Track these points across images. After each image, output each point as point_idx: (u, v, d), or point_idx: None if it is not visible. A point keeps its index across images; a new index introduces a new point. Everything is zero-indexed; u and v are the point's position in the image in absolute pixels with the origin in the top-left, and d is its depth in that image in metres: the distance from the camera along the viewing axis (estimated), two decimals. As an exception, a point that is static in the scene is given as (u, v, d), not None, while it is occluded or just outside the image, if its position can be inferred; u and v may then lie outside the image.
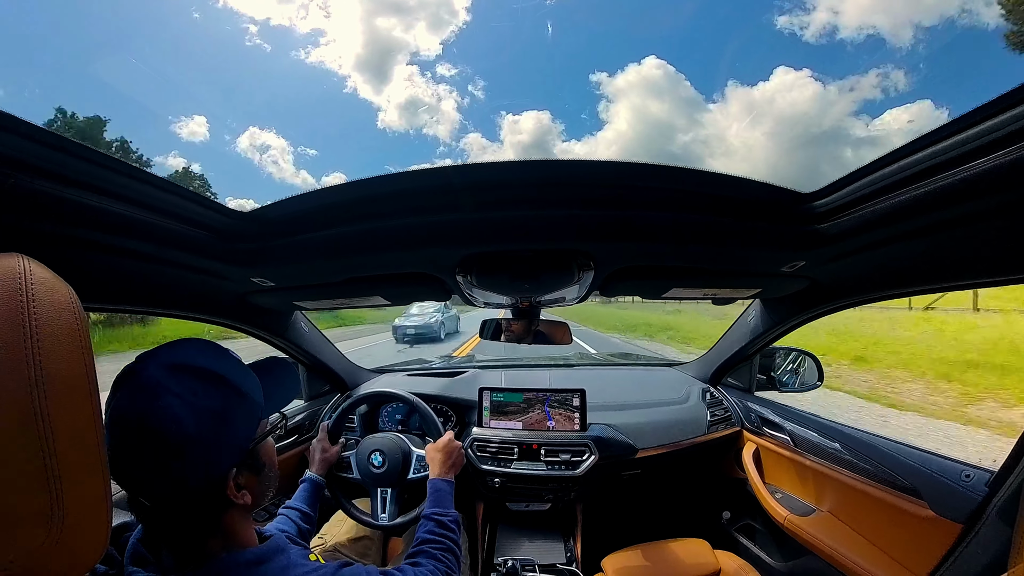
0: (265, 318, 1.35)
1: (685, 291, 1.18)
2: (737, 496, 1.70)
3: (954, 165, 0.53)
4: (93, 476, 0.42)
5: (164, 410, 0.52)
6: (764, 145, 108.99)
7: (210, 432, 0.55)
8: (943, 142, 0.53)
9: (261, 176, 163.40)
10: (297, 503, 1.14)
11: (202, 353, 0.60)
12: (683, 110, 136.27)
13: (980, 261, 0.71)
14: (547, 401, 1.57)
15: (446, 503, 1.04)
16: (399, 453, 1.31)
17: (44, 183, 0.49)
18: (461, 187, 0.70)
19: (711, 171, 0.68)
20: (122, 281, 0.79)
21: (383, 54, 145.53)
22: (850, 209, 0.70)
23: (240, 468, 0.60)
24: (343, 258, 0.92)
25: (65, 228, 0.56)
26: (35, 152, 0.47)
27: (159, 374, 0.54)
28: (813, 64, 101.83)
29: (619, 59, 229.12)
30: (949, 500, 0.93)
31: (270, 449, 0.69)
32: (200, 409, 0.54)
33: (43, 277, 0.40)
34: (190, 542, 0.59)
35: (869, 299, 1.04)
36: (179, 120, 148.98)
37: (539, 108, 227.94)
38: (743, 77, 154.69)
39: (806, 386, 1.67)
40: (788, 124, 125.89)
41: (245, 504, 0.61)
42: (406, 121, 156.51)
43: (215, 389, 0.57)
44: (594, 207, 0.73)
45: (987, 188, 0.52)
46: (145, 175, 0.59)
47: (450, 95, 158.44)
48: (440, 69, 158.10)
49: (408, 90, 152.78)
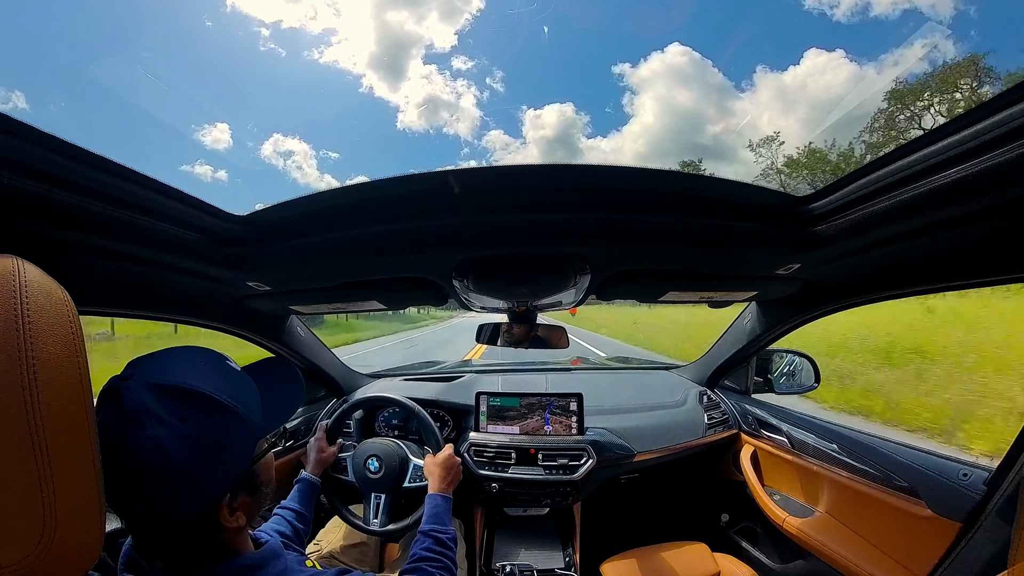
0: (261, 322, 1.34)
1: (681, 294, 1.18)
2: (735, 499, 1.70)
3: (947, 167, 0.54)
4: (87, 482, 0.41)
5: (148, 440, 0.48)
6: (799, 133, 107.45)
7: (200, 462, 0.51)
8: (935, 144, 0.54)
9: (287, 181, 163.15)
10: (292, 503, 1.13)
11: (193, 367, 0.54)
12: (712, 98, 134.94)
13: (974, 262, 0.72)
14: (549, 407, 1.57)
15: (445, 520, 1.03)
16: (396, 460, 1.30)
17: (39, 185, 0.48)
18: (457, 192, 0.70)
19: (706, 175, 0.68)
20: (117, 284, 0.79)
21: (397, 49, 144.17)
22: (845, 211, 0.70)
23: (235, 492, 0.57)
24: (339, 262, 0.91)
25: (60, 230, 0.56)
26: (30, 153, 0.46)
27: (144, 397, 0.49)
28: (847, 44, 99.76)
29: (641, 48, 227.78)
30: (947, 499, 0.93)
31: (268, 465, 0.66)
32: (189, 437, 0.50)
33: (37, 279, 0.40)
34: (183, 556, 0.57)
35: (864, 301, 1.04)
36: (202, 128, 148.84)
37: (561, 100, 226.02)
38: (772, 62, 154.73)
39: (803, 388, 1.68)
40: (824, 110, 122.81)
41: (238, 526, 0.58)
42: (426, 121, 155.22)
43: (207, 414, 0.52)
44: (590, 211, 0.74)
45: (980, 189, 0.53)
46: (141, 177, 0.59)
47: (468, 90, 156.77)
48: (456, 63, 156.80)
49: (425, 88, 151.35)
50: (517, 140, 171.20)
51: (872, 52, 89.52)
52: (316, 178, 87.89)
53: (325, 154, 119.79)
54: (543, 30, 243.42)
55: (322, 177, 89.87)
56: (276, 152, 75.10)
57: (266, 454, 0.64)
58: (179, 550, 0.56)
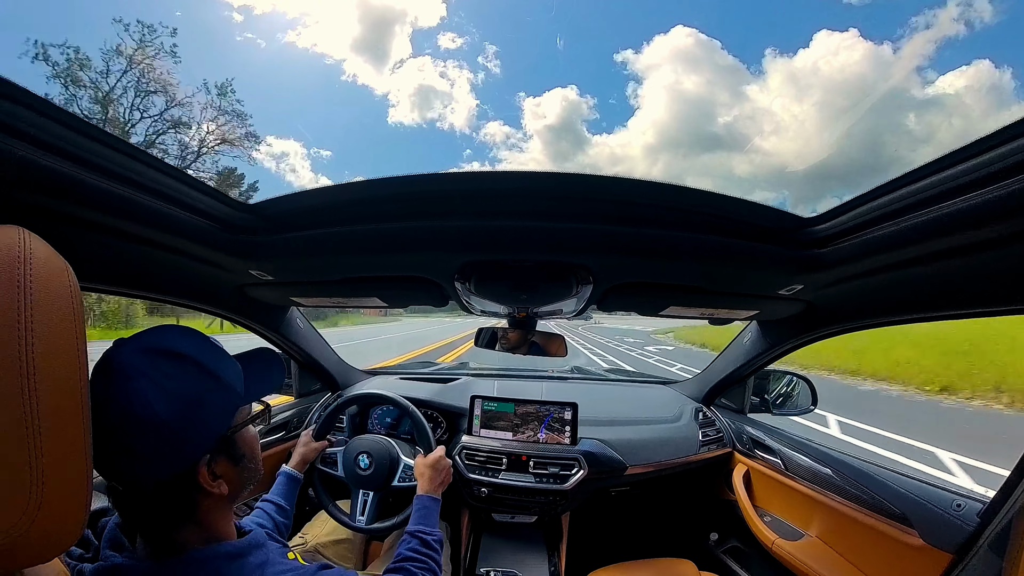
0: (261, 312, 1.34)
1: (683, 309, 1.18)
2: (726, 518, 1.69)
3: (953, 195, 0.53)
4: (76, 456, 0.41)
5: (134, 392, 0.51)
6: (815, 117, 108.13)
7: (181, 416, 0.54)
8: (942, 172, 0.54)
9: (282, 185, 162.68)
10: (273, 496, 1.13)
11: (182, 337, 0.59)
12: (724, 81, 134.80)
13: (978, 291, 0.71)
14: (544, 416, 1.56)
15: (432, 521, 1.03)
16: (387, 459, 1.30)
17: (50, 158, 0.49)
18: (465, 194, 0.71)
19: (714, 192, 0.68)
20: (121, 263, 0.79)
21: (380, 28, 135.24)
22: (850, 235, 0.70)
23: (215, 456, 0.59)
24: (343, 257, 0.92)
25: (66, 205, 0.56)
26: (44, 127, 0.47)
27: (133, 358, 0.53)
28: (858, 21, 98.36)
29: (642, 32, 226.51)
30: (940, 529, 0.92)
31: (251, 439, 0.67)
32: (172, 392, 0.53)
33: (41, 251, 0.40)
34: (164, 530, 0.57)
35: (865, 325, 1.04)
36: (190, 130, 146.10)
37: (563, 85, 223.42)
38: (781, 45, 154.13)
39: (799, 410, 1.67)
40: (839, 92, 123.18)
41: (221, 494, 0.59)
42: (418, 114, 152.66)
43: (189, 373, 0.56)
44: (595, 221, 0.74)
45: (985, 219, 0.53)
46: (152, 159, 0.60)
47: (461, 72, 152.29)
48: (443, 42, 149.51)
49: (417, 77, 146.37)
50: (518, 131, 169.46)
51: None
52: (311, 180, 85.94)
53: (316, 152, 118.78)
54: (542, 13, 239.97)
55: (317, 179, 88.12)
56: (268, 155, 74.61)
57: (246, 425, 0.65)
58: (160, 520, 0.57)
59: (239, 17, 73.57)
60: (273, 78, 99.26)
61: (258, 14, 75.28)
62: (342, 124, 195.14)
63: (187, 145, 22.89)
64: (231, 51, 73.21)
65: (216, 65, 66.79)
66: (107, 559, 0.57)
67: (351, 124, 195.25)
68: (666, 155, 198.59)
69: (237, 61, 73.51)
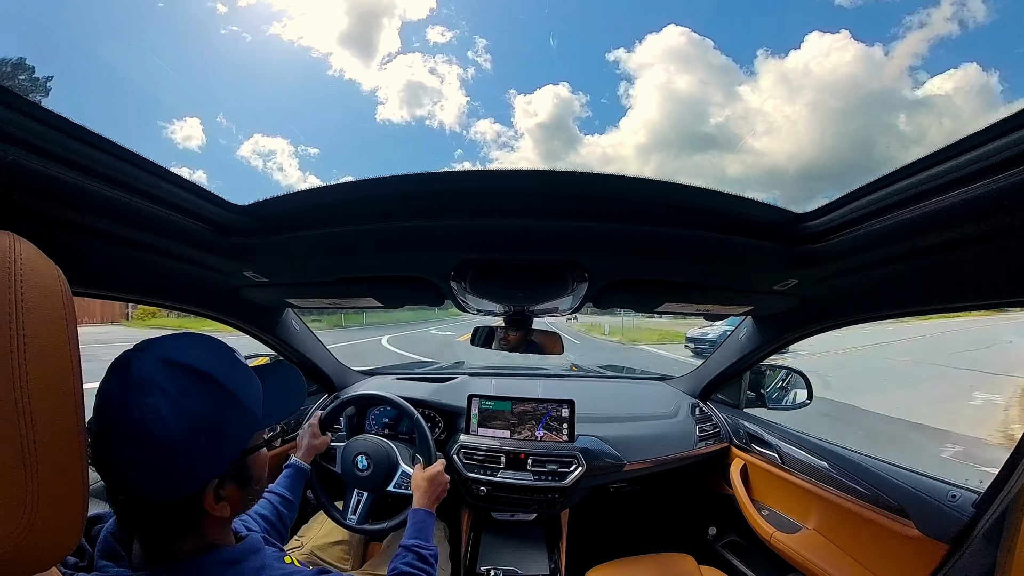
0: (256, 314, 1.33)
1: (678, 306, 1.19)
2: (724, 512, 1.70)
3: (946, 190, 0.54)
4: (71, 463, 0.40)
5: (149, 407, 0.49)
6: (807, 118, 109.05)
7: (194, 439, 0.51)
8: (934, 168, 0.54)
9: (269, 184, 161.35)
10: (279, 488, 1.10)
11: (205, 351, 0.56)
12: (716, 80, 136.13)
13: (970, 285, 0.72)
14: (541, 414, 1.56)
15: (428, 535, 1.02)
16: (385, 462, 1.29)
17: (39, 161, 0.48)
18: (459, 193, 0.70)
19: (707, 188, 0.68)
20: (113, 267, 0.78)
21: (368, 20, 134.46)
22: (843, 230, 0.71)
23: (224, 480, 0.57)
24: (337, 258, 0.91)
25: (57, 209, 0.55)
26: (31, 130, 0.46)
27: (153, 368, 0.51)
28: (849, 23, 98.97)
29: (634, 30, 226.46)
30: (936, 520, 0.93)
31: (262, 461, 0.65)
32: (190, 413, 0.51)
33: (31, 257, 0.39)
34: (163, 540, 0.56)
35: (859, 319, 1.05)
36: (170, 124, 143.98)
37: (554, 82, 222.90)
38: (773, 46, 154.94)
39: (795, 404, 1.68)
40: (830, 93, 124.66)
41: (222, 516, 0.58)
42: (407, 111, 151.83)
43: (209, 394, 0.53)
44: (590, 219, 0.74)
45: (977, 213, 0.53)
46: (143, 161, 0.59)
47: (450, 67, 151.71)
48: (432, 35, 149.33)
49: (406, 73, 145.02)
50: (509, 129, 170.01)
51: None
52: (299, 178, 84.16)
53: (304, 150, 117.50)
54: (536, 12, 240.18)
55: (305, 177, 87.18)
56: (256, 152, 71.78)
57: (260, 448, 0.64)
58: (159, 532, 0.56)
59: (223, 8, 73.05)
60: (260, 73, 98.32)
61: (242, 5, 74.85)
62: (329, 121, 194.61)
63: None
64: (217, 45, 72.57)
65: (200, 60, 66.21)
66: (102, 569, 0.56)
67: (339, 121, 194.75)
68: (658, 155, 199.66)
69: (223, 57, 72.93)
